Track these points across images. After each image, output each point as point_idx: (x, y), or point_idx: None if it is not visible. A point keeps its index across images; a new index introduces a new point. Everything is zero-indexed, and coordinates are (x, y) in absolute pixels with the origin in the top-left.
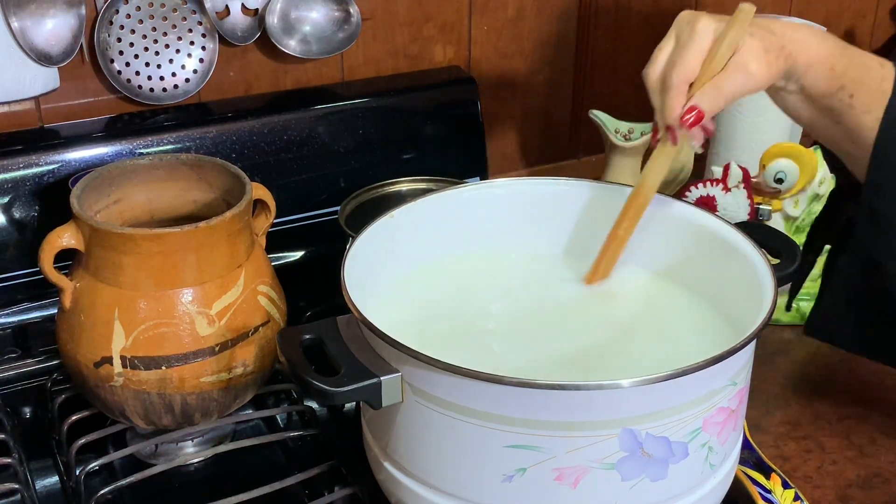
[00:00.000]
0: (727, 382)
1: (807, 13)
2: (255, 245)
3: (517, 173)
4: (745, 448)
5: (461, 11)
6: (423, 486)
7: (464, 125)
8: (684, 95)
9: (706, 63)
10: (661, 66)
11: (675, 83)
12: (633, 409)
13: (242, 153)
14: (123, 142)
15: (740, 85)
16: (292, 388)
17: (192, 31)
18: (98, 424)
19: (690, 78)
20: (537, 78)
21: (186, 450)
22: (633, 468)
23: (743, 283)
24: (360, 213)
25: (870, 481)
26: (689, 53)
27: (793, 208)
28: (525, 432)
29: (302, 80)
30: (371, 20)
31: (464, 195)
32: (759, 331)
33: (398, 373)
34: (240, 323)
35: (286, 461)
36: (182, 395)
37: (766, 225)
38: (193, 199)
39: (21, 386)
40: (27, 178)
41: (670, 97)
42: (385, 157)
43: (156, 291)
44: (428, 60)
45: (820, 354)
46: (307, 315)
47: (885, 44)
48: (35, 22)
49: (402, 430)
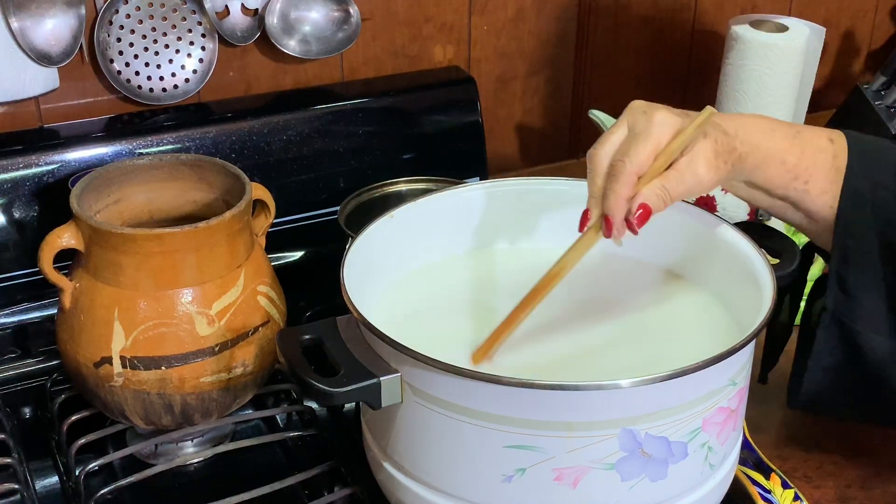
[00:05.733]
0: (727, 382)
1: (807, 13)
2: (255, 245)
3: (517, 173)
4: (745, 448)
5: (461, 11)
6: (422, 487)
7: (464, 125)
8: (632, 187)
9: (656, 158)
10: (611, 151)
11: (626, 172)
12: (632, 409)
13: (242, 153)
14: (123, 142)
15: (688, 189)
16: (292, 388)
17: (192, 31)
18: (98, 425)
19: (641, 171)
20: (537, 78)
21: (186, 450)
22: (632, 468)
23: (743, 283)
24: (359, 213)
25: (870, 481)
26: (644, 145)
27: None
28: (524, 432)
29: (302, 80)
30: (371, 20)
31: (464, 195)
32: (758, 331)
33: (398, 373)
34: (239, 323)
35: (286, 461)
36: (182, 395)
37: (766, 225)
38: (193, 199)
39: (21, 386)
40: (27, 178)
41: (619, 185)
42: (385, 157)
43: (156, 291)
44: (428, 60)
45: None
46: (307, 315)
47: (885, 44)
48: (35, 22)
49: (401, 430)
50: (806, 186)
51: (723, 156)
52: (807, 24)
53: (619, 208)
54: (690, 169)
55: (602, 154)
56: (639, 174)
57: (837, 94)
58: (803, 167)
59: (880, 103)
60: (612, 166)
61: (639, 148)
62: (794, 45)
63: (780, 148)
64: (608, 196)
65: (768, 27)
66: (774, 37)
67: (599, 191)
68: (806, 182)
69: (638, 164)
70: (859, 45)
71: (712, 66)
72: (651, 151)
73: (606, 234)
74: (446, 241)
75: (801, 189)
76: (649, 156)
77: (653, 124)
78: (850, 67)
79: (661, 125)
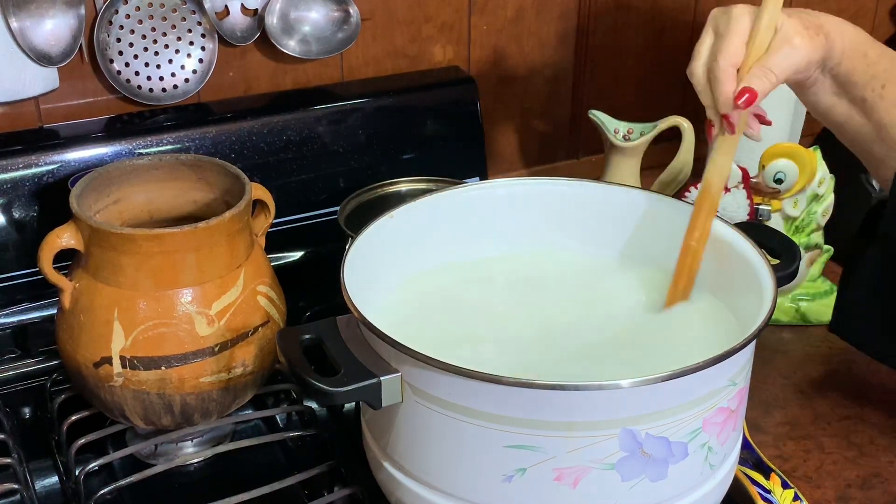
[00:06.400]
0: (727, 383)
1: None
2: (255, 245)
3: (517, 173)
4: (745, 448)
5: (461, 11)
6: (422, 486)
7: (464, 125)
8: (734, 80)
9: (748, 47)
10: (704, 58)
11: (723, 69)
12: (632, 409)
13: (242, 153)
14: (123, 142)
15: (788, 60)
16: (292, 388)
17: (192, 32)
18: (98, 425)
19: (737, 62)
20: (537, 78)
21: (186, 450)
22: (632, 468)
23: (743, 283)
24: (359, 213)
25: (870, 481)
26: (731, 39)
27: (792, 208)
28: (525, 432)
29: (301, 80)
30: (370, 20)
31: (464, 195)
32: (758, 331)
33: (398, 373)
34: (239, 323)
35: (286, 461)
36: (181, 395)
37: (766, 225)
38: (193, 199)
39: (21, 386)
40: (27, 178)
41: (721, 83)
42: (385, 157)
43: (155, 291)
44: (427, 60)
45: (820, 354)
46: (307, 315)
47: (885, 44)
48: (35, 22)
49: (401, 430)
50: (882, 91)
51: (812, 28)
52: None
53: (730, 103)
54: (785, 41)
55: (698, 66)
56: (736, 66)
57: None
58: (882, 67)
59: None
60: (709, 70)
61: (727, 43)
62: None
63: (862, 39)
64: (717, 99)
65: None
66: None
67: (709, 98)
68: (883, 86)
69: (731, 57)
70: None
71: None
72: (739, 42)
73: (730, 130)
74: (446, 241)
75: (877, 92)
76: (738, 46)
77: (732, 18)
78: None
79: (740, 17)
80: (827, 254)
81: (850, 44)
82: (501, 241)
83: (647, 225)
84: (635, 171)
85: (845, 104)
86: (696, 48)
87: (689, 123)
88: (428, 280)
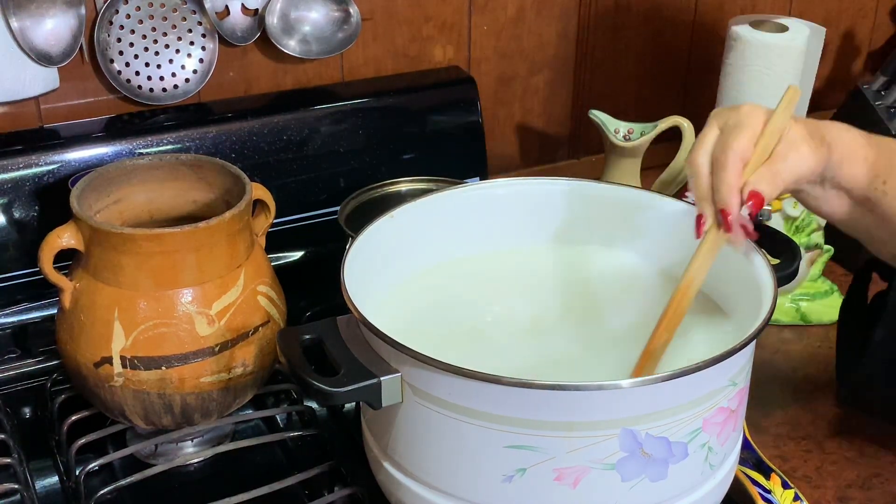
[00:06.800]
0: (727, 383)
1: (807, 13)
2: (255, 245)
3: (517, 173)
4: (745, 448)
5: (461, 11)
6: (422, 487)
7: (464, 125)
8: (740, 175)
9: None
10: (709, 149)
11: (731, 161)
12: (632, 409)
13: (242, 153)
14: (123, 142)
15: (796, 167)
16: (292, 388)
17: (192, 32)
18: (98, 425)
19: (746, 157)
20: (537, 78)
21: (186, 450)
22: (632, 468)
23: (743, 283)
24: (359, 213)
25: (870, 481)
26: (743, 133)
27: (792, 208)
28: (525, 433)
29: (302, 80)
30: (371, 20)
31: (464, 195)
32: (758, 331)
33: (398, 373)
34: (239, 323)
35: (286, 461)
36: (182, 395)
37: (766, 225)
38: (193, 199)
39: (21, 386)
40: (27, 178)
41: (727, 174)
42: (385, 157)
43: (155, 291)
44: (428, 60)
45: (820, 354)
46: (307, 315)
47: (885, 44)
48: (35, 22)
49: (401, 430)
50: (885, 187)
51: (816, 138)
52: (807, 24)
53: (733, 197)
54: (794, 149)
55: (701, 154)
56: (743, 161)
57: (837, 94)
58: (882, 165)
59: (880, 103)
60: (716, 160)
61: (738, 136)
62: (795, 45)
63: (860, 143)
64: (719, 188)
65: (768, 27)
66: (775, 37)
67: (707, 190)
68: (884, 182)
69: (741, 151)
70: (859, 45)
71: (712, 66)
72: (750, 138)
73: (726, 228)
74: (446, 242)
75: (880, 189)
76: (749, 142)
77: (743, 115)
78: (850, 67)
79: (751, 115)
80: (827, 254)
81: (849, 150)
82: (502, 240)
83: (648, 225)
84: (635, 171)
85: (848, 204)
86: (698, 140)
87: (689, 123)
88: (428, 280)
